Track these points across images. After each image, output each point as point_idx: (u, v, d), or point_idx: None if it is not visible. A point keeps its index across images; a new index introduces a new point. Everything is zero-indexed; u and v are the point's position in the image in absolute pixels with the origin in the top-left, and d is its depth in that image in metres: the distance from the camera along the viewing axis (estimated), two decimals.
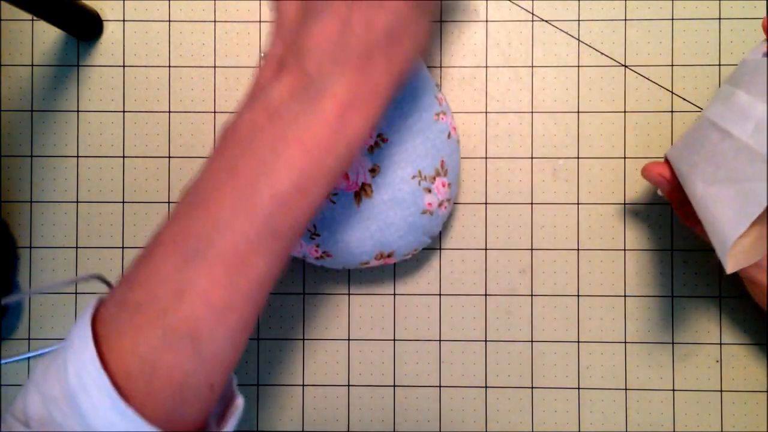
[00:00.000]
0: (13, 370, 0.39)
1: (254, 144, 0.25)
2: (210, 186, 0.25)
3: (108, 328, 0.24)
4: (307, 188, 0.24)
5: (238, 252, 0.23)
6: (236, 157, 0.25)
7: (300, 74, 0.25)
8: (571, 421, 0.38)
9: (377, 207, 0.33)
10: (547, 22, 0.39)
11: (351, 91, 0.25)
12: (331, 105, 0.24)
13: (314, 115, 0.24)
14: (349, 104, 0.24)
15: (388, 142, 0.33)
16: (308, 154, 0.24)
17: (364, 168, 0.33)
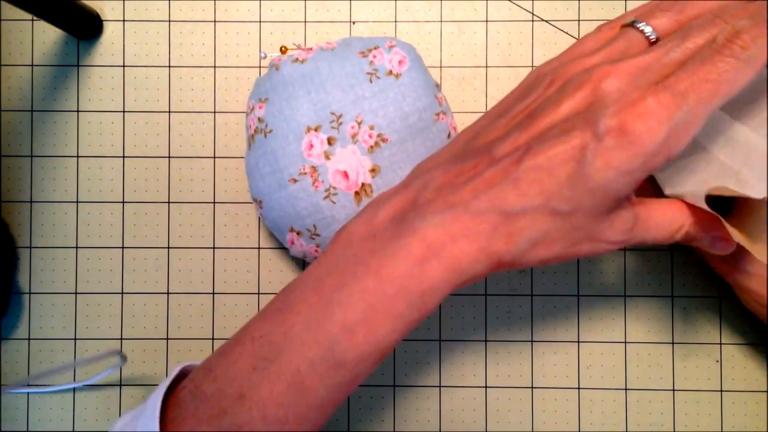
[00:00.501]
0: (12, 370, 0.39)
1: (344, 260, 0.24)
2: (299, 291, 0.25)
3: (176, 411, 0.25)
4: (375, 325, 0.23)
5: (300, 372, 0.23)
6: (328, 269, 0.25)
7: (412, 200, 0.25)
8: (571, 421, 0.38)
9: None
10: (547, 22, 0.39)
11: (441, 241, 0.23)
12: (418, 245, 0.23)
13: (400, 248, 0.23)
14: (435, 253, 0.23)
15: (388, 142, 0.33)
16: (381, 289, 0.23)
17: (364, 168, 0.33)
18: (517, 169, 0.23)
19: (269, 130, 0.34)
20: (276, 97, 0.34)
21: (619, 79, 0.23)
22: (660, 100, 0.22)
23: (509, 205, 0.23)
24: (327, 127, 0.33)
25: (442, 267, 0.23)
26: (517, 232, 0.23)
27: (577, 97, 0.24)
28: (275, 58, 0.35)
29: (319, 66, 0.34)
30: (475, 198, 0.23)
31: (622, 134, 0.22)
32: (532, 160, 0.23)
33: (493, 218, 0.23)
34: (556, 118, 0.24)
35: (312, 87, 0.33)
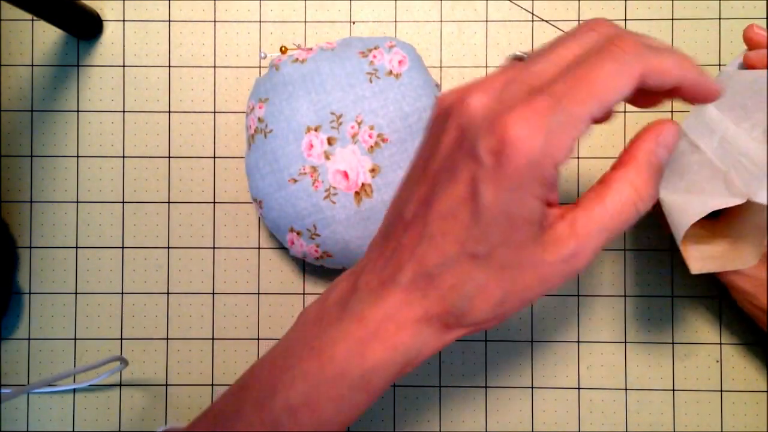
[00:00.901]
0: (12, 370, 0.39)
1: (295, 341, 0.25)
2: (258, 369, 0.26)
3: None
4: (316, 407, 0.23)
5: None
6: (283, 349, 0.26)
7: (353, 283, 0.24)
8: (571, 421, 0.38)
9: (377, 207, 0.33)
10: (547, 22, 0.39)
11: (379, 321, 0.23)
12: (357, 328, 0.23)
13: (341, 332, 0.23)
14: (374, 334, 0.23)
15: (388, 142, 0.33)
16: (322, 372, 0.23)
17: (364, 168, 0.33)
18: (426, 226, 0.22)
19: (269, 130, 0.34)
20: (276, 98, 0.34)
21: (483, 96, 0.22)
22: (532, 106, 0.21)
23: (430, 264, 0.22)
24: (327, 127, 0.33)
25: (382, 347, 0.23)
26: (448, 290, 0.22)
27: (450, 128, 0.22)
28: (275, 58, 0.35)
29: (319, 66, 0.34)
30: (401, 269, 0.23)
31: (501, 151, 0.21)
32: (435, 210, 0.22)
33: (421, 284, 0.23)
34: (440, 159, 0.23)
35: (312, 87, 0.33)
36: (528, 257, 0.22)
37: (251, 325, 0.38)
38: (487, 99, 0.22)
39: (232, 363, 0.38)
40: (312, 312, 0.25)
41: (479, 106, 0.22)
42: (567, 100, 0.21)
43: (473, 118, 0.22)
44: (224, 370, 0.38)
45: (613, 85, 0.21)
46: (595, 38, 0.23)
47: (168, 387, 0.38)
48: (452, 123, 0.22)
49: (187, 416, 0.38)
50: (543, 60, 0.23)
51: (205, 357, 0.38)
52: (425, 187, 0.23)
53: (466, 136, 0.22)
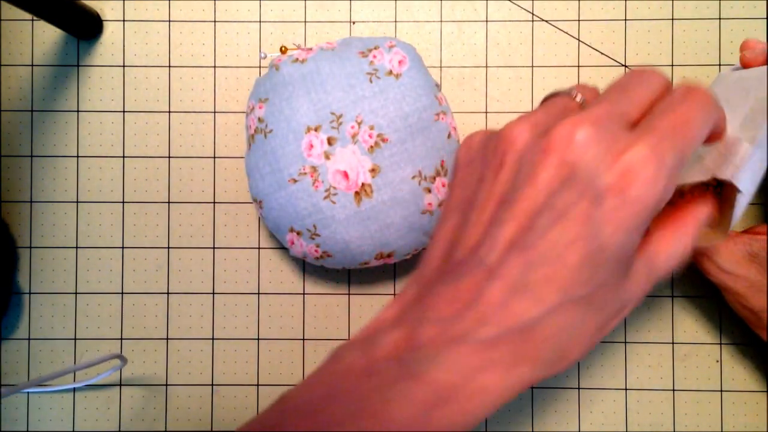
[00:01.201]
0: (12, 370, 0.39)
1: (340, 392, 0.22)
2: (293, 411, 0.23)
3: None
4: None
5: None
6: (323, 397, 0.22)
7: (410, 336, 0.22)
8: (571, 421, 0.38)
9: (377, 207, 0.33)
10: (547, 22, 0.39)
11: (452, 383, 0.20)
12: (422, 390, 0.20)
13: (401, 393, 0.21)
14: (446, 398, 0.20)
15: (388, 142, 0.33)
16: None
17: (364, 168, 0.33)
18: (521, 274, 0.20)
19: (269, 130, 0.34)
20: (276, 97, 0.34)
21: (587, 129, 0.21)
22: (651, 143, 0.20)
23: (525, 318, 0.20)
24: (327, 127, 0.33)
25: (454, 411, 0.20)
26: (543, 342, 0.21)
27: (549, 163, 0.21)
28: (275, 58, 0.35)
29: (319, 66, 0.34)
30: (483, 324, 0.20)
31: (624, 189, 0.20)
32: (536, 255, 0.20)
33: (510, 340, 0.20)
34: (536, 196, 0.21)
35: (312, 87, 0.33)
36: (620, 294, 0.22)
37: (251, 325, 0.38)
38: (596, 134, 0.21)
39: (232, 363, 0.38)
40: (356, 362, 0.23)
41: (592, 142, 0.20)
42: (678, 139, 0.21)
43: (586, 153, 0.20)
44: (224, 370, 0.38)
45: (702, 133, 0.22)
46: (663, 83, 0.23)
47: (168, 387, 0.38)
48: (552, 158, 0.21)
49: (187, 416, 0.38)
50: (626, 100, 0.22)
51: (205, 357, 0.38)
52: (512, 227, 0.21)
53: (578, 173, 0.20)
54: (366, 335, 0.24)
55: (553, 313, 0.20)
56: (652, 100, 0.23)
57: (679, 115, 0.22)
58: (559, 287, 0.20)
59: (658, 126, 0.21)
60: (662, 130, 0.21)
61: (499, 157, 0.23)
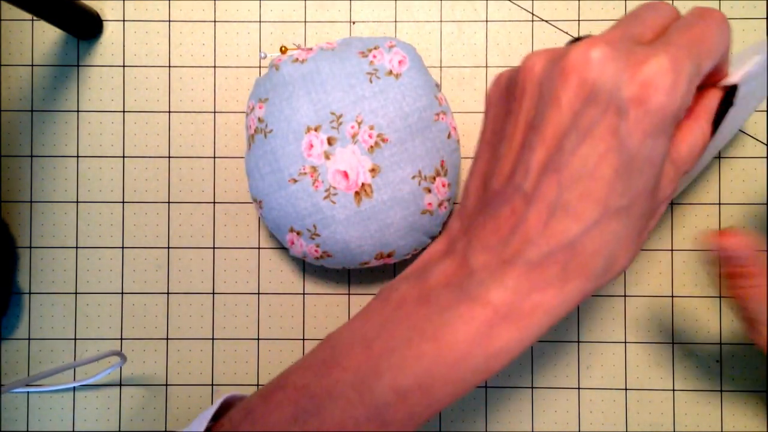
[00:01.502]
0: (12, 370, 0.39)
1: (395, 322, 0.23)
2: (346, 346, 0.24)
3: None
4: (431, 389, 0.22)
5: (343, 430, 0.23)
6: (377, 329, 0.23)
7: (462, 264, 0.23)
8: (571, 421, 0.38)
9: (377, 207, 0.33)
10: (547, 22, 0.39)
11: (509, 302, 0.22)
12: (482, 311, 0.22)
13: (460, 316, 0.22)
14: (504, 316, 0.22)
15: (388, 142, 0.33)
16: (440, 356, 0.22)
17: (364, 168, 0.33)
18: (557, 195, 0.21)
19: (269, 130, 0.34)
20: (276, 97, 0.34)
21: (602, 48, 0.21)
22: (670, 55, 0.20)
23: (570, 234, 0.21)
24: (327, 127, 0.33)
25: (514, 328, 0.22)
26: (590, 257, 0.21)
27: (569, 84, 0.21)
28: (275, 58, 0.35)
29: (319, 66, 0.34)
30: (530, 244, 0.21)
31: (646, 99, 0.20)
32: (567, 176, 0.21)
33: (560, 257, 0.21)
34: (560, 118, 0.21)
35: (312, 87, 0.33)
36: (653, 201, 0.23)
37: (251, 325, 0.38)
38: (612, 52, 0.21)
39: (232, 363, 0.38)
40: (409, 293, 0.24)
41: (608, 59, 0.21)
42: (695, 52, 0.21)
43: (604, 70, 0.21)
44: (224, 370, 0.38)
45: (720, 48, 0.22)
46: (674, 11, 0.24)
47: (168, 387, 0.38)
48: (572, 80, 0.21)
49: (187, 416, 0.38)
50: (639, 24, 0.23)
51: (205, 357, 0.38)
52: (542, 152, 0.22)
53: (599, 90, 0.21)
54: (414, 270, 0.25)
55: (594, 227, 0.21)
56: (665, 25, 0.23)
57: (695, 30, 0.22)
58: (597, 202, 0.21)
59: (674, 40, 0.22)
60: (679, 43, 0.21)
61: (520, 87, 0.23)
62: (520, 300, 0.22)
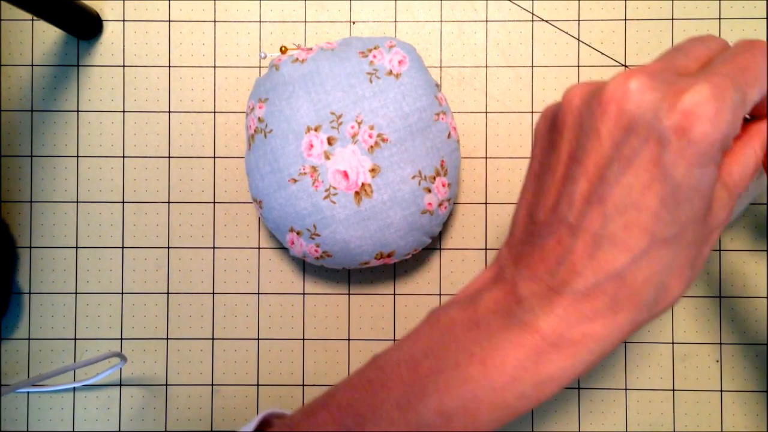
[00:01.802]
0: (12, 370, 0.39)
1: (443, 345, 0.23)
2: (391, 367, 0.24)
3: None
4: (476, 414, 0.22)
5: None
6: (424, 351, 0.24)
7: (511, 291, 0.23)
8: (571, 421, 0.38)
9: (377, 207, 0.33)
10: (547, 22, 0.39)
11: (558, 330, 0.22)
12: (530, 338, 0.22)
13: (509, 341, 0.22)
14: (553, 343, 0.22)
15: (387, 142, 0.33)
16: (488, 380, 0.22)
17: (364, 168, 0.33)
18: (602, 225, 0.21)
19: (269, 130, 0.34)
20: (276, 97, 0.34)
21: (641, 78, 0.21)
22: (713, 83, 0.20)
23: (617, 265, 0.21)
24: (327, 127, 0.33)
25: (563, 357, 0.22)
26: (640, 286, 0.21)
27: (609, 116, 0.21)
28: (275, 58, 0.35)
29: (319, 66, 0.34)
30: (578, 275, 0.22)
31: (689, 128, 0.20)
32: (611, 206, 0.21)
33: (608, 287, 0.21)
34: (602, 148, 0.21)
35: (312, 87, 0.33)
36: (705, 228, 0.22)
37: (251, 325, 0.38)
38: (650, 82, 0.21)
39: (232, 363, 0.38)
40: (458, 317, 0.24)
41: (647, 89, 0.21)
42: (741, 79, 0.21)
43: (643, 100, 0.21)
44: (224, 370, 0.38)
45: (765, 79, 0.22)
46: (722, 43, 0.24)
47: (168, 387, 0.38)
48: (611, 111, 0.21)
49: (187, 416, 0.38)
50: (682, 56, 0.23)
51: (205, 357, 0.38)
52: (584, 183, 0.22)
53: (639, 120, 0.21)
54: (463, 296, 0.25)
55: (643, 257, 0.21)
56: (711, 57, 0.23)
57: (740, 60, 0.22)
58: (644, 231, 0.21)
59: (717, 70, 0.21)
60: (722, 71, 0.21)
61: (560, 120, 0.23)
62: (569, 329, 0.22)
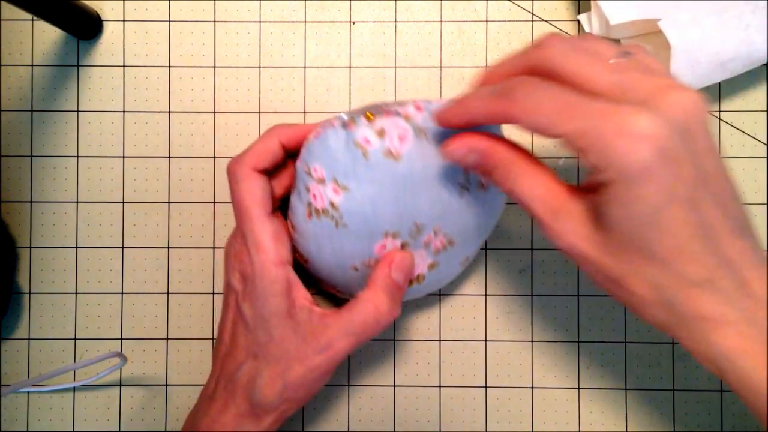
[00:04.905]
0: (12, 370, 0.39)
1: (192, 419, 0.32)
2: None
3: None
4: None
5: None
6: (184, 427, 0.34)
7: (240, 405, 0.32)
8: (571, 421, 0.38)
9: (422, 289, 0.35)
10: (547, 22, 0.39)
11: (210, 424, 0.31)
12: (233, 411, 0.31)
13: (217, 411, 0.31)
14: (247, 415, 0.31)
15: (454, 245, 0.33)
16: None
17: (424, 264, 0.33)
18: (226, 347, 0.33)
19: (344, 224, 0.30)
20: (359, 192, 0.29)
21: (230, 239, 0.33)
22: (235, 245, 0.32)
23: (231, 371, 0.32)
24: (405, 234, 0.31)
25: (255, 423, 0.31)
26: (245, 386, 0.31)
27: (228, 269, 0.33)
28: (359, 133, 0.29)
29: (413, 168, 0.29)
30: (217, 383, 0.32)
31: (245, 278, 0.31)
32: (226, 332, 0.33)
33: (229, 387, 0.31)
34: (224, 298, 0.34)
35: (402, 194, 0.30)
36: (293, 349, 0.29)
37: None
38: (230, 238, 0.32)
39: None
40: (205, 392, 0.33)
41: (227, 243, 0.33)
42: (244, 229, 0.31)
43: (227, 257, 0.32)
44: None
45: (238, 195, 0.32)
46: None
47: (168, 387, 0.38)
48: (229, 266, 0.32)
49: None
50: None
51: (205, 357, 0.38)
52: (221, 323, 0.33)
53: (227, 271, 0.32)
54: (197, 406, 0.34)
55: (243, 365, 0.31)
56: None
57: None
58: (242, 348, 0.31)
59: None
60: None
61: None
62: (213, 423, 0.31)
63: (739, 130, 0.38)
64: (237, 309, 0.31)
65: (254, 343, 0.30)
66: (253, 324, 0.30)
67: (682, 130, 0.22)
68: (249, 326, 0.30)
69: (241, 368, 0.30)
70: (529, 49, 0.26)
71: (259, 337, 0.30)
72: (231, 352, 0.31)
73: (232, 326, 0.32)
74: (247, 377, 0.30)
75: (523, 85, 0.24)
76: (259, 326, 0.30)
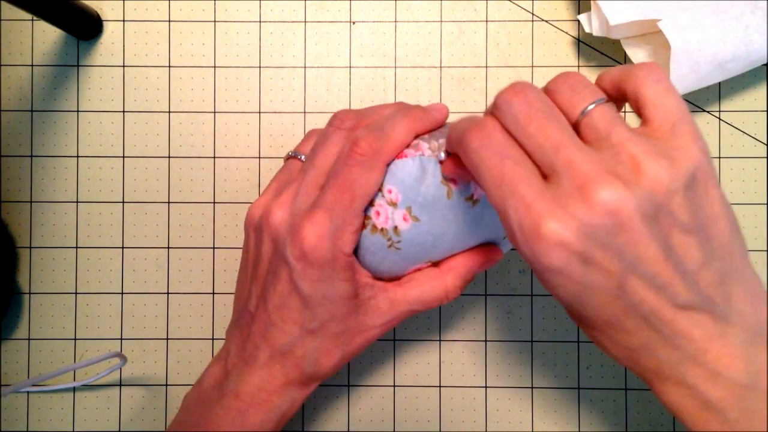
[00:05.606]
0: (12, 370, 0.39)
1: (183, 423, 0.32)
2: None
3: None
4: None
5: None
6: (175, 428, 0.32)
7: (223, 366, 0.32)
8: (571, 421, 0.38)
9: None
10: (547, 22, 0.39)
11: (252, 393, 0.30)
12: (235, 402, 0.30)
13: (222, 407, 0.30)
14: (250, 404, 0.30)
15: None
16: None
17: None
18: (268, 316, 0.30)
19: (398, 248, 0.30)
20: (429, 226, 0.29)
21: (281, 211, 0.29)
22: (315, 220, 0.28)
23: (280, 344, 0.30)
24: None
25: (259, 412, 0.30)
26: (300, 359, 0.30)
27: (265, 240, 0.30)
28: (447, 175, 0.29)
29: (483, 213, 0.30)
30: (258, 349, 0.30)
31: (304, 256, 0.28)
32: (271, 304, 0.30)
33: (278, 358, 0.30)
34: (265, 264, 0.30)
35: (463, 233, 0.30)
36: (354, 324, 0.30)
37: None
38: (284, 213, 0.29)
39: None
40: (192, 397, 0.32)
41: (281, 221, 0.29)
42: (339, 207, 0.28)
43: (278, 232, 0.29)
44: None
45: (366, 184, 0.28)
46: (343, 137, 0.30)
47: (168, 387, 0.38)
48: (266, 236, 0.30)
49: None
50: (313, 168, 0.30)
51: (205, 357, 0.38)
52: (259, 286, 0.31)
53: (277, 247, 0.29)
54: (200, 378, 0.32)
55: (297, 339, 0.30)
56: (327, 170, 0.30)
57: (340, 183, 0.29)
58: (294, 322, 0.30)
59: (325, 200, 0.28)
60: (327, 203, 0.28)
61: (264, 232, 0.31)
62: (260, 390, 0.30)
63: (739, 130, 0.38)
64: (291, 284, 0.29)
65: (312, 319, 0.29)
66: (314, 302, 0.29)
67: (607, 230, 0.22)
68: (308, 303, 0.29)
69: (295, 342, 0.30)
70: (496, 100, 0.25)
71: (320, 314, 0.29)
72: (276, 324, 0.30)
73: (279, 298, 0.30)
74: (302, 351, 0.30)
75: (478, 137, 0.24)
76: (320, 305, 0.29)
